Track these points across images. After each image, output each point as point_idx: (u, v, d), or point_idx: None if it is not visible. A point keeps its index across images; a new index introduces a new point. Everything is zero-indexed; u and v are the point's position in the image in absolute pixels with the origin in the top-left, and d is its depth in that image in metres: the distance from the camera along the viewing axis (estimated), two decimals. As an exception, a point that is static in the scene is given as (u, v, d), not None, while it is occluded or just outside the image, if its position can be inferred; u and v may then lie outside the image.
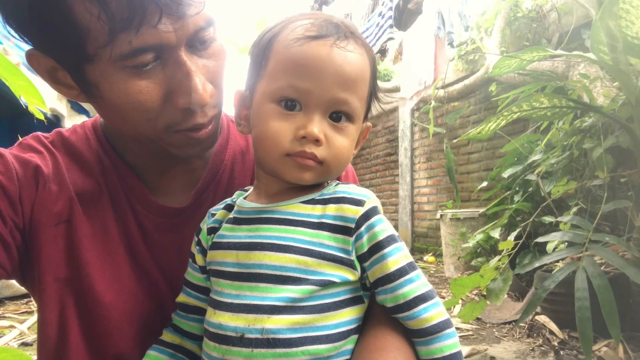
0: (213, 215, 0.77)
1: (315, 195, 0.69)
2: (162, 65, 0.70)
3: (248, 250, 0.66)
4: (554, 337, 2.36)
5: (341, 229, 0.66)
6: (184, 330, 0.78)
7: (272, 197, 0.71)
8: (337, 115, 0.67)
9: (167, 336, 0.79)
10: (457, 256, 4.53)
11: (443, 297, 3.54)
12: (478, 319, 2.78)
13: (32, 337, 2.64)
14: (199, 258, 0.76)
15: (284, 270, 0.63)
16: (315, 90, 0.65)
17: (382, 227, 0.66)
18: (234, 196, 0.79)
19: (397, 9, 4.06)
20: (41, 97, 1.34)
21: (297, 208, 0.68)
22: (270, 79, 0.68)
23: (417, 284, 0.64)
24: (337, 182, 0.75)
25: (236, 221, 0.71)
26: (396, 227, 6.64)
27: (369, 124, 0.78)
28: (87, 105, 3.77)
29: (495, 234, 3.32)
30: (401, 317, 0.65)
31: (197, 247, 0.77)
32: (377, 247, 0.64)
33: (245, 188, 0.80)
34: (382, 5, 4.32)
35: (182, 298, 0.79)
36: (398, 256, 0.65)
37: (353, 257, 0.65)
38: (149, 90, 0.69)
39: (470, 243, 3.84)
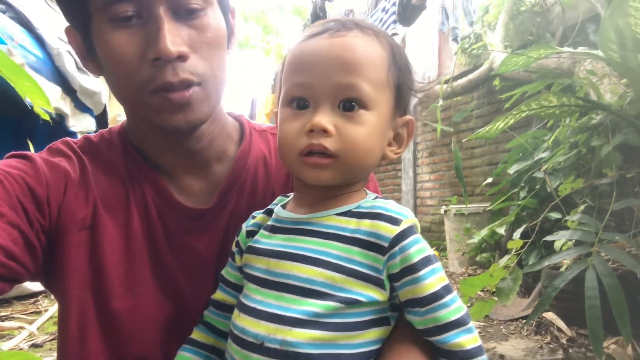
0: (254, 217, 0.78)
1: (352, 207, 0.68)
2: (142, 23, 0.73)
3: (279, 259, 0.67)
4: (562, 335, 2.37)
5: (373, 246, 0.63)
6: (218, 329, 0.77)
7: (312, 206, 0.70)
8: (350, 105, 0.64)
9: (199, 335, 0.78)
10: (461, 251, 4.53)
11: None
12: (485, 315, 2.78)
13: (42, 338, 2.64)
14: (237, 258, 0.77)
15: (310, 283, 0.63)
16: (316, 81, 0.64)
17: (417, 247, 0.62)
18: (275, 201, 0.79)
19: (401, 4, 4.04)
20: (46, 97, 1.33)
21: (331, 220, 0.67)
22: (283, 86, 0.70)
23: (451, 308, 0.61)
24: (377, 195, 0.73)
25: (273, 229, 0.72)
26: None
27: (409, 117, 0.73)
28: (90, 104, 3.75)
29: (501, 230, 3.32)
30: (429, 339, 0.63)
31: (236, 248, 0.77)
32: (411, 269, 0.62)
33: (287, 194, 0.80)
34: (386, 1, 4.30)
35: (218, 295, 0.79)
36: (433, 279, 0.62)
37: (383, 277, 0.63)
38: (127, 43, 0.73)
39: (476, 239, 3.84)
